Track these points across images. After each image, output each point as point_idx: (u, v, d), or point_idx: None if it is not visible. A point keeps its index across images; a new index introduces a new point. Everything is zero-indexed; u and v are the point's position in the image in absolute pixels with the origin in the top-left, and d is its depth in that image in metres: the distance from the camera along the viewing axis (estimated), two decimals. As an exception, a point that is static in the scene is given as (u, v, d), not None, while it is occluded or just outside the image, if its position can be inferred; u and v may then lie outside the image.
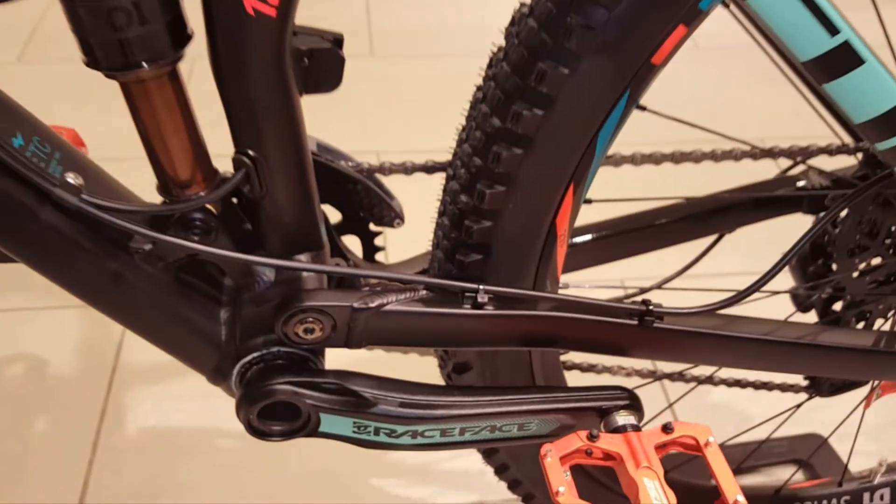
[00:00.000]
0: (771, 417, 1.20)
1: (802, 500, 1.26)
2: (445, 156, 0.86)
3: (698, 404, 1.46)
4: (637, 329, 0.76)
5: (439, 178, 0.86)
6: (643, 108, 0.75)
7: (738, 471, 1.39)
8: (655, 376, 1.14)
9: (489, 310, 0.73)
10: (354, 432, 0.74)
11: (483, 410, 0.74)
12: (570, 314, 0.75)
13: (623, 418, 0.77)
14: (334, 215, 0.86)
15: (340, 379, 0.73)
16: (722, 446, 1.11)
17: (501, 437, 0.77)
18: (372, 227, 0.88)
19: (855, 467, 1.29)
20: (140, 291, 0.71)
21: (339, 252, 0.83)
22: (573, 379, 0.95)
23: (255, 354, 0.74)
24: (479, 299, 0.73)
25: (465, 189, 0.74)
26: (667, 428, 0.76)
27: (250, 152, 0.67)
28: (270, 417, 0.74)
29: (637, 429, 0.76)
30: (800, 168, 1.05)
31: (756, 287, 0.77)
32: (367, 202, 0.85)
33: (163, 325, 0.74)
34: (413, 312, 0.73)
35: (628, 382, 0.88)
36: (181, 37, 0.62)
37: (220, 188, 0.68)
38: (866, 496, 1.28)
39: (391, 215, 0.86)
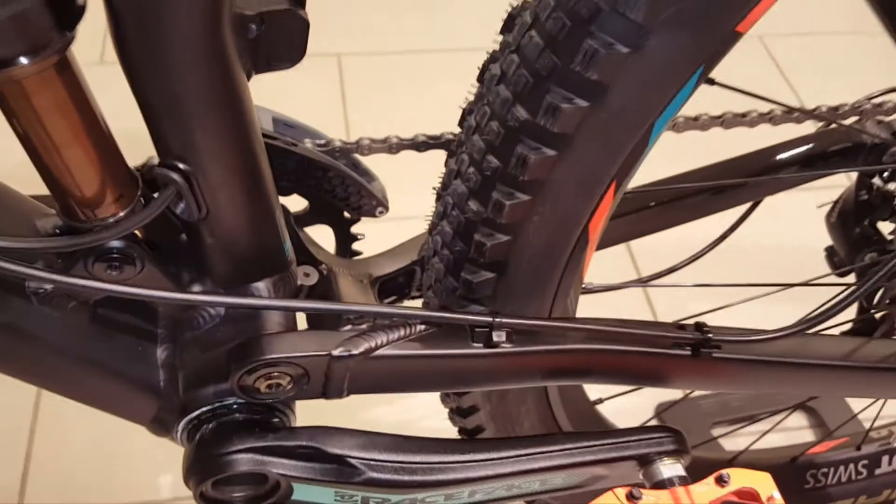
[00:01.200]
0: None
1: (819, 467, 1.16)
2: (442, 126, 0.68)
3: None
4: (689, 361, 0.61)
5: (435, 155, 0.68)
6: (712, 82, 0.57)
7: (739, 420, 1.30)
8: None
9: (506, 347, 0.57)
10: (337, 501, 0.59)
11: (497, 471, 0.59)
12: (608, 346, 0.59)
13: (668, 468, 0.62)
14: (298, 202, 0.68)
15: (317, 440, 0.57)
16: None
17: (520, 493, 0.62)
18: (347, 215, 0.70)
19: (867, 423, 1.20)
20: (43, 343, 0.53)
21: (307, 255, 0.65)
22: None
23: (204, 409, 0.57)
24: (495, 338, 0.56)
25: (475, 194, 0.56)
26: (721, 479, 0.62)
27: (180, 165, 0.48)
28: (228, 483, 0.58)
29: (685, 481, 0.62)
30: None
31: (839, 308, 0.61)
32: (340, 191, 0.66)
33: (79, 378, 0.56)
34: (410, 356, 0.56)
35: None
36: (69, 11, 0.42)
37: (137, 216, 0.49)
38: (885, 459, 1.19)
39: (371, 204, 0.68)
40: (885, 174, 0.91)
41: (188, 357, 0.57)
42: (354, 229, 0.71)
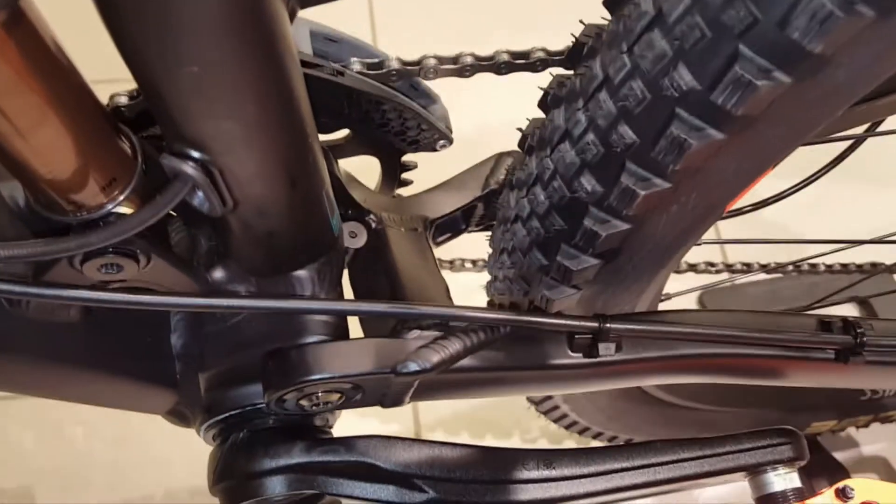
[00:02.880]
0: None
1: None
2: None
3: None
4: (832, 364, 0.49)
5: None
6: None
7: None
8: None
9: (616, 356, 0.45)
10: (393, 518, 0.49)
11: (585, 488, 0.49)
12: (735, 350, 0.47)
13: (782, 479, 0.52)
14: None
15: (372, 455, 0.46)
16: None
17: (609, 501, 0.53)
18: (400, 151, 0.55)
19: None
20: (30, 352, 0.41)
21: (352, 206, 0.50)
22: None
23: (231, 412, 0.46)
24: (602, 351, 0.44)
25: (592, 169, 0.41)
26: (844, 493, 0.52)
27: (196, 154, 0.33)
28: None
29: (800, 495, 0.52)
30: None
31: None
32: (396, 124, 0.51)
33: (84, 381, 0.44)
34: (492, 368, 0.44)
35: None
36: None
37: (134, 218, 0.34)
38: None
39: (432, 137, 0.53)
40: None
41: (211, 354, 0.45)
42: (406, 157, 0.57)
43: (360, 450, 0.46)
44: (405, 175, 0.59)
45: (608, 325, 0.43)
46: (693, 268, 0.92)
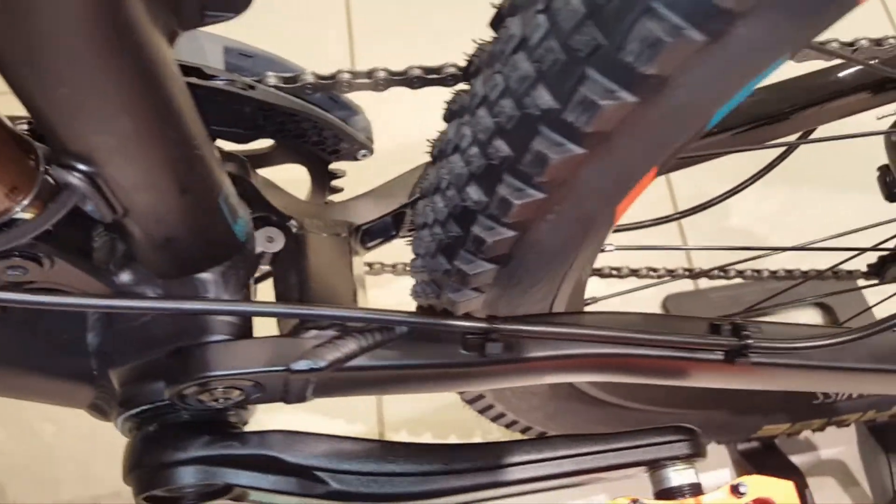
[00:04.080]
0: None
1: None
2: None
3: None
4: (721, 364, 0.51)
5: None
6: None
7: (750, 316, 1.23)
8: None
9: (503, 355, 0.47)
10: (302, 509, 0.52)
11: (483, 480, 0.52)
12: (624, 350, 0.50)
13: (679, 475, 0.55)
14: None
15: (275, 448, 0.49)
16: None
17: (509, 495, 0.55)
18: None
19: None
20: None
21: (271, 211, 0.53)
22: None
23: (143, 407, 0.49)
24: (489, 350, 0.46)
25: (476, 180, 0.44)
26: (738, 489, 0.55)
27: (79, 166, 0.36)
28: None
29: (698, 491, 0.55)
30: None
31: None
32: (313, 135, 0.54)
33: (6, 376, 0.47)
34: (387, 367, 0.47)
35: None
36: None
37: (23, 227, 0.37)
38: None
39: (352, 147, 0.56)
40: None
41: (121, 351, 0.48)
42: (334, 165, 0.60)
43: (263, 443, 0.49)
44: (336, 182, 0.61)
45: (496, 325, 0.46)
46: (654, 271, 0.93)
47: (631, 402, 0.87)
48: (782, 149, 0.79)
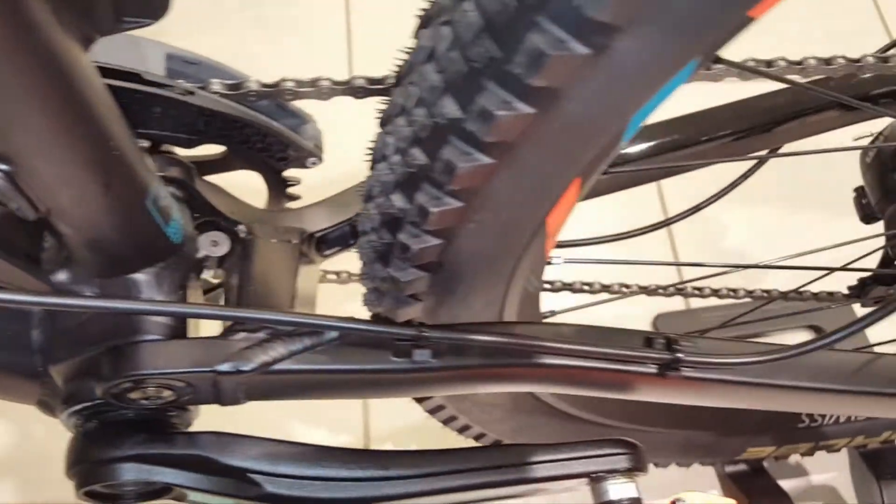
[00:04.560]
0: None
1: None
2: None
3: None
4: (654, 378, 0.52)
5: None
6: (718, 61, 0.43)
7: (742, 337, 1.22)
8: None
9: (433, 363, 0.48)
10: (238, 510, 0.53)
11: (418, 487, 0.52)
12: (556, 361, 0.50)
13: (619, 489, 0.55)
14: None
15: (210, 450, 0.50)
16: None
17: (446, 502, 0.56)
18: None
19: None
20: None
21: (218, 216, 0.54)
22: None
23: (87, 404, 0.50)
24: (417, 356, 0.47)
25: (400, 188, 0.44)
26: (677, 505, 0.55)
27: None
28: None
29: (636, 504, 0.55)
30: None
31: (847, 332, 0.50)
32: (257, 142, 0.55)
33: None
34: (316, 371, 0.47)
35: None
36: None
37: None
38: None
39: (299, 155, 0.57)
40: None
41: (62, 349, 0.49)
42: (288, 173, 0.61)
43: (198, 444, 0.50)
44: (293, 190, 0.63)
45: (424, 332, 0.47)
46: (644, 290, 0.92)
47: (603, 418, 0.86)
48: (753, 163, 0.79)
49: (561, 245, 0.75)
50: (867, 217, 0.86)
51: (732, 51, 0.40)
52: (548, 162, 0.41)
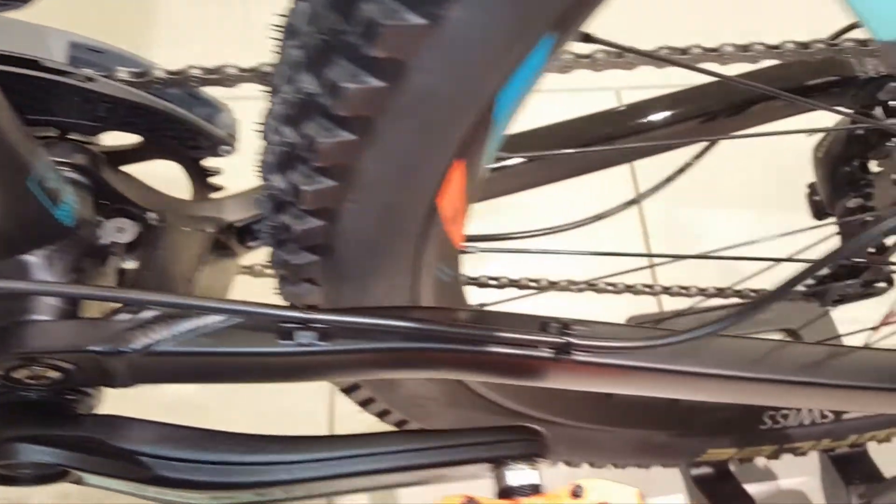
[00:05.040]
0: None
1: (780, 408, 1.07)
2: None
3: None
4: (549, 363, 0.51)
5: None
6: (589, 39, 0.43)
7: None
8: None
9: (321, 346, 0.48)
10: (133, 492, 0.53)
11: (311, 473, 0.52)
12: (449, 346, 0.50)
13: (519, 475, 0.54)
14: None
15: (101, 432, 0.50)
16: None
17: (351, 488, 0.56)
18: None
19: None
20: None
21: (127, 203, 0.55)
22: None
23: (-19, 385, 0.50)
24: (301, 339, 0.47)
25: (278, 166, 0.45)
26: (577, 492, 0.54)
27: None
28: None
29: (535, 491, 0.54)
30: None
31: (743, 314, 0.50)
32: (166, 130, 0.56)
33: None
34: (201, 353, 0.48)
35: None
36: None
37: None
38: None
39: (211, 143, 0.58)
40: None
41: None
42: (207, 163, 0.61)
43: (92, 427, 0.50)
44: (216, 180, 0.63)
45: (309, 315, 0.47)
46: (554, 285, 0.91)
47: (549, 415, 0.86)
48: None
49: (498, 237, 0.75)
50: (819, 213, 0.86)
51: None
52: (412, 140, 0.41)
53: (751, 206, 1.33)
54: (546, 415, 0.85)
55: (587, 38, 0.42)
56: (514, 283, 0.71)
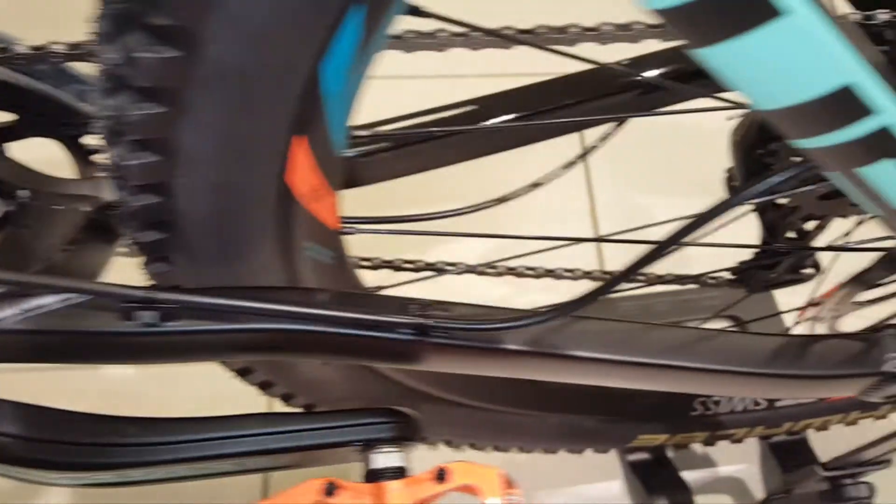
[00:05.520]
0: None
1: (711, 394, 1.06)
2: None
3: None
4: (409, 345, 0.51)
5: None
6: (421, 13, 0.42)
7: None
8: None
9: (165, 326, 0.47)
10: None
11: (169, 456, 0.52)
12: (304, 327, 0.49)
13: (384, 458, 0.54)
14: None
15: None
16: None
17: (217, 471, 0.55)
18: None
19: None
20: None
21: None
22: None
23: None
24: (141, 319, 0.47)
25: (108, 141, 0.44)
26: (440, 476, 0.54)
27: None
28: None
29: (400, 474, 0.54)
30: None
31: (600, 292, 0.49)
32: (34, 107, 0.55)
33: None
34: (44, 332, 0.47)
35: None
36: None
37: None
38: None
39: (84, 121, 0.57)
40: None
41: None
42: (89, 140, 0.61)
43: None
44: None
45: (149, 294, 0.46)
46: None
47: (470, 400, 0.85)
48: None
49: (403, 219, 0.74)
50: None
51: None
52: (233, 114, 0.40)
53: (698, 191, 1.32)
54: (464, 399, 0.85)
55: (416, 12, 0.41)
56: (396, 265, 0.70)
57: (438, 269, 0.77)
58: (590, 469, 1.12)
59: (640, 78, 0.62)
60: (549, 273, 0.75)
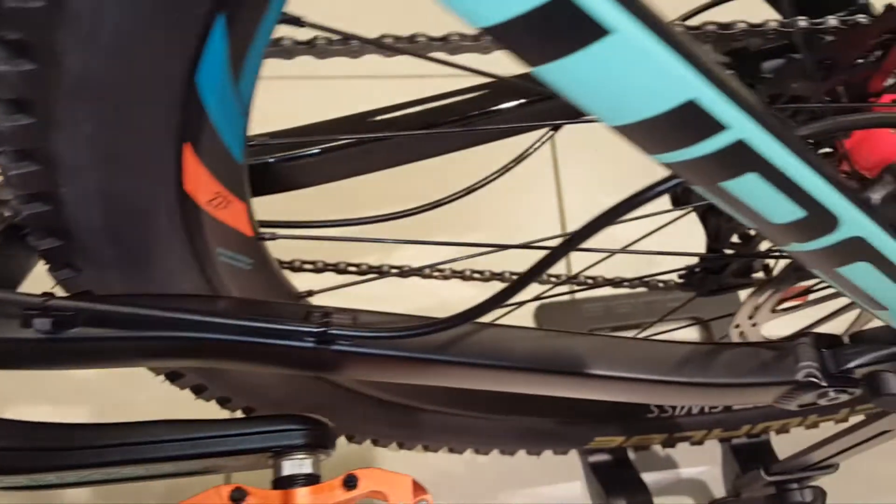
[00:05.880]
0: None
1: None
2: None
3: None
4: (311, 352, 0.51)
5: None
6: (300, 23, 0.42)
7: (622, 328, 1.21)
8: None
9: (65, 333, 0.47)
10: None
11: (78, 461, 0.52)
12: (204, 335, 0.49)
13: (293, 465, 0.54)
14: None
15: None
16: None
17: (128, 475, 0.55)
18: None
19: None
20: None
21: None
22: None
23: None
24: (37, 326, 0.47)
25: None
26: (349, 482, 0.54)
27: None
28: None
29: (312, 481, 0.54)
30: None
31: (506, 296, 0.49)
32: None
33: None
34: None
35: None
36: None
37: None
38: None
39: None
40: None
41: None
42: None
43: None
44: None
45: (46, 302, 0.46)
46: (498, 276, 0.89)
47: (424, 404, 0.85)
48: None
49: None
50: (676, 200, 0.84)
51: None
52: (106, 124, 0.40)
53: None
54: (418, 403, 0.84)
55: (296, 22, 0.41)
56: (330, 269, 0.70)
57: (383, 272, 0.76)
58: (551, 470, 1.12)
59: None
60: (496, 276, 0.74)
